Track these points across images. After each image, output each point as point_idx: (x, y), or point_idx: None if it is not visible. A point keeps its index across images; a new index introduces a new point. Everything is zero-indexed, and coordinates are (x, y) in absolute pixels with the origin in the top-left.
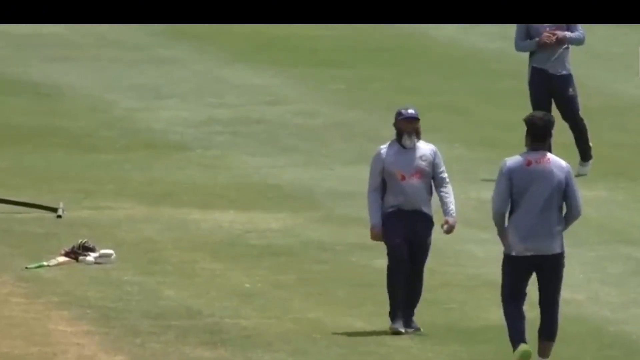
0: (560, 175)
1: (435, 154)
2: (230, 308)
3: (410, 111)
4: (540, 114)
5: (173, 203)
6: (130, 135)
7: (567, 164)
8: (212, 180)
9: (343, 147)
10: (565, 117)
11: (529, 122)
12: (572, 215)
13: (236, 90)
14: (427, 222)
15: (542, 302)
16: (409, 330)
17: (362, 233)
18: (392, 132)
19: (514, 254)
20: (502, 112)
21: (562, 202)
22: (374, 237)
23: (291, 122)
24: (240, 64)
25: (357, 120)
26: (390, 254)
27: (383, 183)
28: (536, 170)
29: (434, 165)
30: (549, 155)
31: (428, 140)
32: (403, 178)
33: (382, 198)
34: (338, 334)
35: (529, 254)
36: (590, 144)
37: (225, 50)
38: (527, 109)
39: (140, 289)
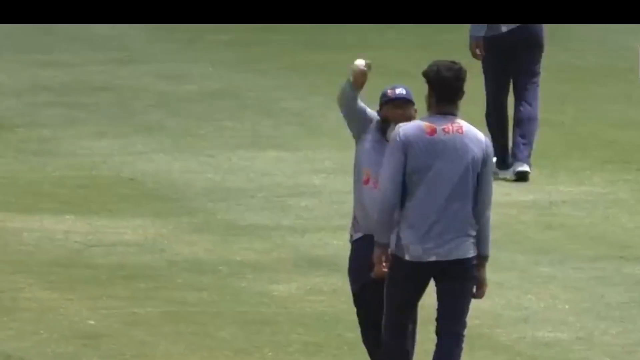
0: (476, 151)
1: None
2: (68, 354)
3: (400, 91)
4: (446, 63)
5: None
6: None
7: (486, 137)
8: (40, 172)
9: (229, 125)
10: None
11: (433, 75)
12: (482, 209)
13: (73, 44)
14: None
15: (441, 326)
16: None
17: (256, 247)
18: (300, 104)
19: (407, 258)
20: None
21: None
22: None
23: (152, 88)
24: None
25: (249, 87)
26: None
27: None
28: (443, 142)
29: None
30: (461, 122)
31: None
32: (367, 182)
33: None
34: None
35: (431, 259)
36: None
37: None
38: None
39: None
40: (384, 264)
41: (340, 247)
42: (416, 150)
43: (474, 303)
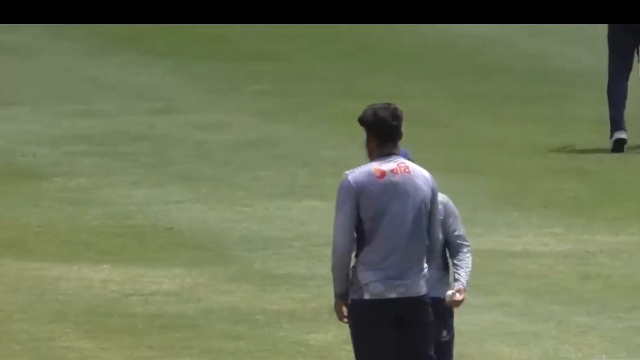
0: (425, 189)
1: (445, 206)
2: None
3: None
4: (381, 104)
5: (20, 254)
6: None
7: (430, 174)
8: (77, 221)
9: (266, 174)
10: None
11: (370, 117)
12: (433, 250)
13: (111, 93)
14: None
15: None
16: None
17: (292, 296)
18: (337, 153)
19: (367, 297)
20: (490, 125)
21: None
22: None
23: (190, 138)
24: (116, 56)
25: (286, 136)
26: None
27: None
28: (394, 184)
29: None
30: (406, 162)
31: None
32: None
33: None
34: None
35: (392, 295)
36: None
37: (93, 35)
38: (525, 120)
39: None
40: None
41: None
42: (369, 196)
43: (510, 354)
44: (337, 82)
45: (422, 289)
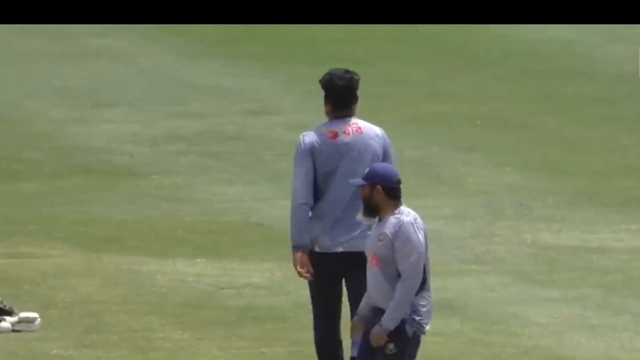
0: (376, 147)
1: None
2: None
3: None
4: (339, 72)
5: (119, 249)
6: (60, 157)
7: (381, 129)
8: (173, 218)
9: None
10: None
11: (326, 84)
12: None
13: (206, 95)
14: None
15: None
16: None
17: None
18: (420, 153)
19: (317, 249)
20: (570, 126)
21: None
22: None
23: (282, 138)
24: (211, 59)
25: None
26: None
27: None
28: (345, 144)
29: None
30: (359, 122)
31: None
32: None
33: None
34: None
35: (338, 250)
36: None
37: (189, 39)
38: (605, 120)
39: None
40: (305, 268)
41: (461, 290)
42: (321, 154)
43: (587, 345)
44: (420, 85)
45: None
